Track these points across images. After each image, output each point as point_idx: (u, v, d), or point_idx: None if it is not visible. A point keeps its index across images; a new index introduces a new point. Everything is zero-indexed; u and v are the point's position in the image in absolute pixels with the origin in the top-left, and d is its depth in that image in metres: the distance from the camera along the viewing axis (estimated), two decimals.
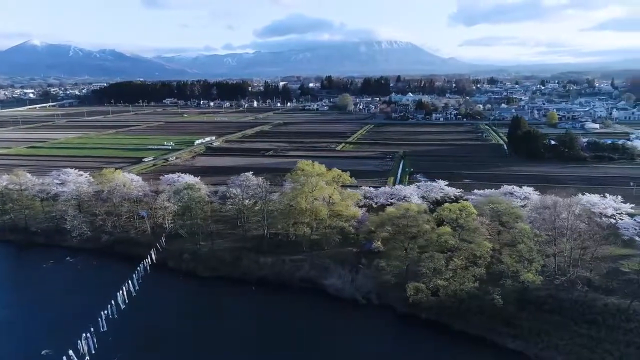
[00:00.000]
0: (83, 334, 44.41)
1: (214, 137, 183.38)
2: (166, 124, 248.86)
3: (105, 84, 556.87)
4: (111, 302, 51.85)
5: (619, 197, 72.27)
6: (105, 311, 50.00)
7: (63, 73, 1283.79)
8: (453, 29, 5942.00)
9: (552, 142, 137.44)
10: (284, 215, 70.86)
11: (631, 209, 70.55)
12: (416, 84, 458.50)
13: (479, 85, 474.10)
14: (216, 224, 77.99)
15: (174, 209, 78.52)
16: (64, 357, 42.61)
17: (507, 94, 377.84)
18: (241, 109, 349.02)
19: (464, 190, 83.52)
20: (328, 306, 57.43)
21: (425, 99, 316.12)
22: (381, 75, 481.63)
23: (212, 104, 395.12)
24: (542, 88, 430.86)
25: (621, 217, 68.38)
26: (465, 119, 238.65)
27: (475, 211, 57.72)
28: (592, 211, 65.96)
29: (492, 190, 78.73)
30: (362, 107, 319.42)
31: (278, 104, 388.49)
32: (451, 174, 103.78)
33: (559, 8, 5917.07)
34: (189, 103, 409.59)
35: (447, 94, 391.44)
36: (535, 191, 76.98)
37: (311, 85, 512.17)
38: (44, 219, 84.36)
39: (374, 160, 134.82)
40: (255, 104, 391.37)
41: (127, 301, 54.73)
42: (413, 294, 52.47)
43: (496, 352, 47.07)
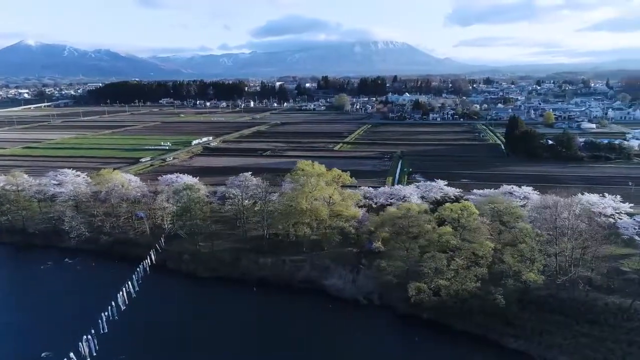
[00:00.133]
0: (84, 336, 43.99)
1: (211, 138, 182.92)
2: (163, 124, 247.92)
3: (101, 84, 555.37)
4: (111, 303, 51.40)
5: (618, 197, 72.40)
6: (106, 312, 49.55)
7: (58, 73, 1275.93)
8: (448, 30, 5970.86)
9: (550, 142, 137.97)
10: (284, 216, 70.56)
11: (630, 208, 70.68)
12: (413, 84, 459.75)
13: (475, 86, 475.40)
14: (215, 224, 77.72)
15: (173, 210, 78.05)
16: (64, 359, 42.18)
17: (503, 94, 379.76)
18: (238, 109, 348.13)
19: (463, 190, 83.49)
20: (329, 307, 57.18)
21: (422, 99, 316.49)
22: (378, 76, 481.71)
23: (208, 104, 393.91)
24: (538, 88, 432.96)
25: (620, 217, 68.57)
26: (462, 119, 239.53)
27: (476, 211, 57.76)
28: (592, 211, 66.13)
29: (491, 190, 78.68)
30: (359, 107, 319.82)
31: (275, 104, 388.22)
32: (449, 174, 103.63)
33: (553, 8, 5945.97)
34: (185, 103, 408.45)
35: (443, 94, 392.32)
36: (535, 191, 77.14)
37: (307, 85, 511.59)
38: (41, 220, 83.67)
39: (372, 160, 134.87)
40: (252, 104, 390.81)
41: (127, 302, 54.31)
42: (415, 294, 52.32)
43: (498, 352, 47.04)
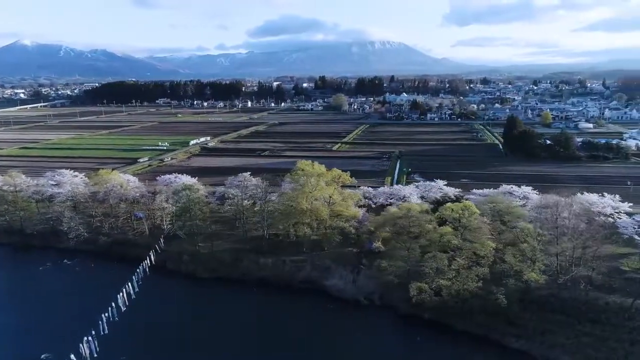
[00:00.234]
0: (85, 338, 43.68)
1: (209, 138, 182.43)
2: (160, 124, 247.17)
3: (97, 84, 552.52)
4: (111, 304, 51.11)
5: (617, 196, 72.53)
6: (106, 314, 49.27)
7: (54, 73, 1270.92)
8: (445, 30, 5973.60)
9: (548, 141, 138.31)
10: (284, 216, 70.38)
11: (629, 208, 70.81)
12: (410, 84, 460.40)
13: (472, 86, 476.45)
14: (214, 224, 77.32)
15: (172, 210, 77.73)
16: None
17: (500, 94, 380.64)
18: (235, 109, 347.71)
19: (462, 190, 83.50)
20: (330, 307, 57.02)
21: (420, 99, 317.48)
22: (375, 76, 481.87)
23: (205, 104, 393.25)
24: (535, 88, 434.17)
25: (619, 217, 68.73)
26: (459, 119, 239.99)
27: (477, 211, 57.75)
28: (591, 210, 66.26)
29: (491, 190, 78.67)
30: (356, 107, 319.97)
31: (272, 104, 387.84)
32: (448, 174, 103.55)
33: (550, 9, 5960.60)
34: (183, 103, 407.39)
35: (440, 94, 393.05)
36: (534, 191, 77.24)
37: (305, 85, 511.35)
38: (39, 220, 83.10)
39: (370, 160, 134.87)
40: (250, 104, 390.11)
41: (127, 303, 54.02)
42: (416, 294, 52.21)
43: (500, 351, 46.97)
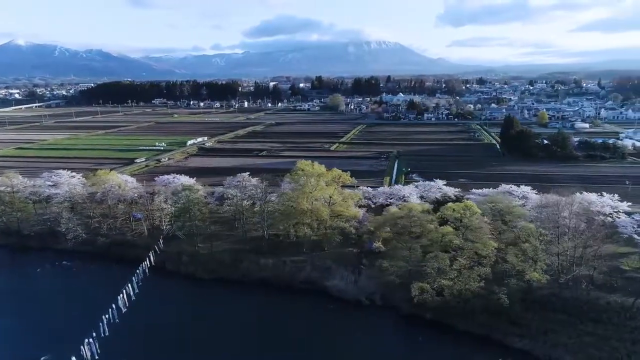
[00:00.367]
0: (85, 340, 43.32)
1: (206, 138, 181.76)
2: (156, 125, 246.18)
3: (93, 84, 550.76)
4: (112, 305, 50.76)
5: (616, 196, 72.77)
6: (107, 315, 48.93)
7: (49, 73, 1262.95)
8: (441, 30, 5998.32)
9: (545, 141, 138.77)
10: (285, 216, 70.12)
11: (628, 207, 71.04)
12: (406, 84, 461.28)
13: (468, 86, 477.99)
14: (214, 225, 76.87)
15: (171, 211, 77.29)
16: None
17: (496, 94, 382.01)
18: (232, 109, 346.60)
19: (461, 190, 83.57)
20: (330, 307, 56.85)
21: (417, 99, 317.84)
22: (371, 76, 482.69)
23: (202, 104, 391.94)
24: (531, 88, 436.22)
25: (618, 216, 68.92)
26: (456, 119, 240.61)
27: (479, 210, 57.72)
28: (591, 210, 66.40)
29: (490, 190, 78.68)
30: (353, 108, 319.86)
31: (269, 104, 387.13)
32: (447, 174, 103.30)
33: (546, 9, 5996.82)
34: (179, 103, 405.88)
35: (437, 94, 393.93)
36: (533, 190, 77.37)
37: (301, 85, 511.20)
38: (36, 221, 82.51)
39: (368, 160, 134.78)
40: (246, 104, 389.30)
41: (127, 304, 53.66)
42: (418, 294, 52.16)
43: (502, 351, 46.81)
